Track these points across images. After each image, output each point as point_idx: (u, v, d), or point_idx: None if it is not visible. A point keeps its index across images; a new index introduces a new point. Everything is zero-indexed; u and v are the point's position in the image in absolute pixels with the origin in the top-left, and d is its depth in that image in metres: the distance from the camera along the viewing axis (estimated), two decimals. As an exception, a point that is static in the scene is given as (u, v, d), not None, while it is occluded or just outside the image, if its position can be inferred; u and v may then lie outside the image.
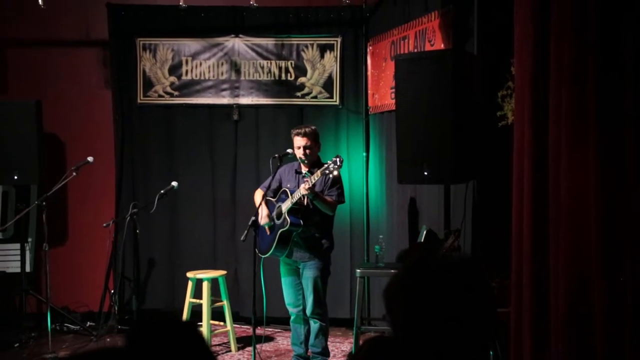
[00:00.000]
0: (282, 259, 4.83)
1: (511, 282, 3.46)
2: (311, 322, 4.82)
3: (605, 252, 2.79)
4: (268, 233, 4.81)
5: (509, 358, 3.57)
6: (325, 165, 4.36)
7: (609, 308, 2.78)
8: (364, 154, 6.15)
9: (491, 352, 3.84)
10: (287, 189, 4.75)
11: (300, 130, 4.74)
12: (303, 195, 4.53)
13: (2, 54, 6.46)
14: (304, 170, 4.76)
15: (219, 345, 5.67)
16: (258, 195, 4.93)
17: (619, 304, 2.76)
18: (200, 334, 1.35)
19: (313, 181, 4.45)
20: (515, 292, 3.41)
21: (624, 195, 2.75)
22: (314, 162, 4.74)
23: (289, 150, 4.79)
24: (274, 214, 4.77)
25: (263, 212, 4.78)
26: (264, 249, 4.79)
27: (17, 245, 6.10)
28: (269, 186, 4.87)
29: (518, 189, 3.40)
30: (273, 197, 4.86)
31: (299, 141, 4.71)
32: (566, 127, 2.98)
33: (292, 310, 4.91)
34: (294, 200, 4.58)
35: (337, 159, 4.33)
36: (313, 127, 4.81)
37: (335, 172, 4.37)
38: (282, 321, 5.71)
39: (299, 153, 4.72)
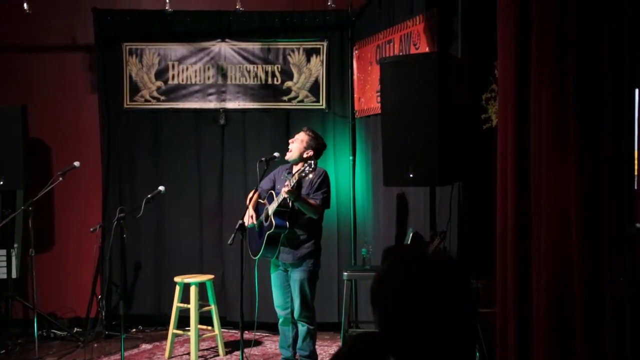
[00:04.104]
0: (272, 260, 4.86)
1: (496, 282, 3.49)
2: (299, 325, 4.84)
3: (585, 251, 2.83)
4: (257, 233, 4.83)
5: (494, 358, 3.61)
6: (302, 169, 4.41)
7: (588, 306, 2.82)
8: (351, 157, 6.18)
9: (477, 354, 3.87)
10: (272, 192, 4.78)
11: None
12: (285, 197, 4.57)
13: (-13, 58, 6.44)
14: (294, 171, 4.80)
15: (207, 349, 5.67)
16: (251, 196, 4.98)
17: (598, 302, 2.80)
18: None
19: (292, 183, 4.49)
20: (500, 292, 3.44)
21: (602, 194, 2.80)
22: (302, 163, 4.74)
23: (276, 154, 4.83)
24: (262, 216, 4.80)
25: (248, 213, 4.82)
26: (255, 250, 4.83)
27: (4, 251, 6.10)
28: (256, 188, 4.89)
29: (502, 190, 3.43)
30: (264, 199, 4.89)
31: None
32: (547, 128, 3.02)
33: (280, 312, 4.92)
34: (278, 202, 4.62)
35: (312, 162, 4.39)
36: (312, 132, 4.86)
37: (311, 175, 4.41)
38: (270, 326, 5.72)
39: None
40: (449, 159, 4.18)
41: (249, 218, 4.83)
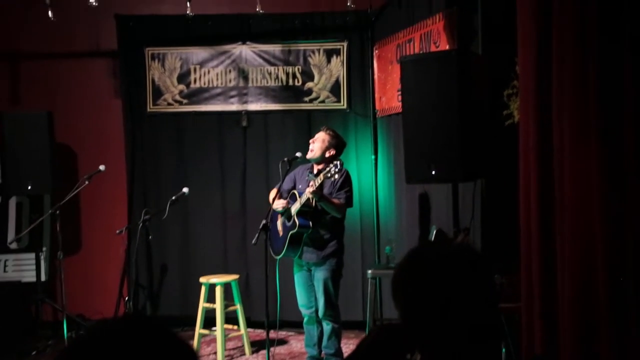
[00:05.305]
0: (295, 259, 4.90)
1: (521, 277, 3.49)
2: (324, 323, 4.87)
3: (609, 247, 2.82)
4: (280, 231, 4.86)
5: (520, 353, 3.60)
6: (327, 169, 4.43)
7: (613, 302, 2.81)
8: (373, 156, 6.20)
9: (503, 350, 3.87)
10: (295, 192, 4.81)
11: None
12: (309, 197, 4.59)
13: (13, 66, 6.56)
14: (315, 171, 4.83)
15: (233, 349, 5.72)
16: (272, 194, 4.99)
17: (623, 297, 2.79)
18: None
19: (317, 183, 4.51)
20: (525, 288, 3.43)
21: (625, 188, 2.79)
22: (325, 163, 4.77)
23: (298, 154, 4.86)
24: (285, 216, 4.84)
25: (279, 202, 4.83)
26: (277, 250, 4.87)
27: (32, 255, 6.19)
28: (279, 188, 4.93)
29: (525, 186, 3.43)
30: (286, 199, 4.92)
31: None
32: (569, 124, 3.02)
33: (305, 311, 4.95)
34: (302, 202, 4.65)
35: (338, 162, 4.41)
36: (331, 130, 4.91)
37: (337, 175, 4.44)
38: (296, 325, 5.75)
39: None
40: (471, 155, 4.18)
41: (280, 205, 4.81)
